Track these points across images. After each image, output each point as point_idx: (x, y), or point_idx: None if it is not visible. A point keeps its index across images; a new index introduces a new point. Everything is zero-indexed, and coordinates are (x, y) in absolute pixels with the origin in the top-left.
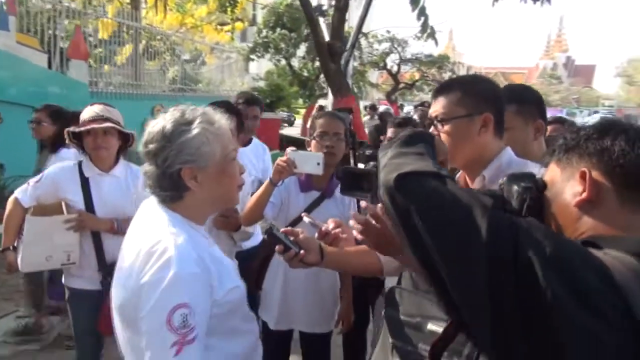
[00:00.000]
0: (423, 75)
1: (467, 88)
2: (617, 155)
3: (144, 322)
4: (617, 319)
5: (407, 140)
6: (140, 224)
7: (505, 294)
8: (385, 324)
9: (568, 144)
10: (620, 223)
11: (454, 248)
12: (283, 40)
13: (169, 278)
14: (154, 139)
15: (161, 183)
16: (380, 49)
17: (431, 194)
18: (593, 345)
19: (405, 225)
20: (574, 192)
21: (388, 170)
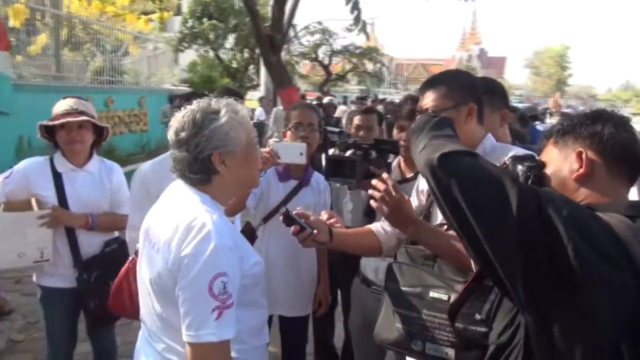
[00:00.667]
0: (354, 66)
1: (452, 82)
2: (607, 138)
3: (185, 290)
4: (622, 263)
5: (437, 125)
6: (171, 204)
7: (534, 246)
8: (387, 296)
9: (565, 129)
10: (610, 192)
11: (491, 213)
12: (213, 30)
13: (210, 250)
14: (184, 127)
15: (192, 167)
16: (312, 40)
17: (469, 169)
18: (607, 283)
19: (446, 198)
20: (571, 168)
21: (430, 150)
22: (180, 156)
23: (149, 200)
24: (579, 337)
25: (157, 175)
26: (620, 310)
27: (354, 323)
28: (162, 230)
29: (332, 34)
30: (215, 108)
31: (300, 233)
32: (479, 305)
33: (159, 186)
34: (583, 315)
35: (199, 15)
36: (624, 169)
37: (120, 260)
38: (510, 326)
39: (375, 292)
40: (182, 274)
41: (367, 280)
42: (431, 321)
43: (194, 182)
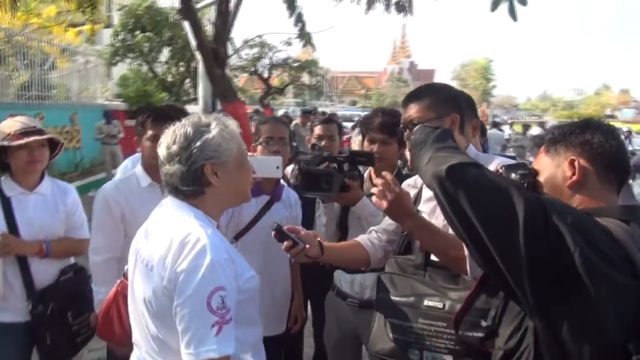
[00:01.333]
0: (293, 79)
1: (435, 94)
2: (597, 146)
3: (183, 306)
4: (623, 266)
5: (440, 137)
6: (162, 221)
7: (541, 253)
8: (379, 307)
9: (556, 138)
10: (602, 198)
11: (499, 222)
12: (149, 42)
13: (206, 264)
14: (175, 140)
15: (185, 180)
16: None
17: (476, 181)
18: (612, 286)
19: (455, 209)
20: (564, 176)
21: (437, 163)
22: (172, 169)
23: (113, 222)
24: (587, 340)
25: (122, 194)
26: (625, 312)
27: (329, 336)
28: (155, 248)
29: (272, 47)
30: (205, 122)
31: (293, 248)
32: (478, 312)
33: (124, 206)
34: (591, 318)
35: (131, 27)
36: (613, 176)
37: (79, 288)
38: (517, 331)
39: (352, 305)
40: (179, 290)
41: (343, 292)
42: (427, 330)
43: (187, 196)
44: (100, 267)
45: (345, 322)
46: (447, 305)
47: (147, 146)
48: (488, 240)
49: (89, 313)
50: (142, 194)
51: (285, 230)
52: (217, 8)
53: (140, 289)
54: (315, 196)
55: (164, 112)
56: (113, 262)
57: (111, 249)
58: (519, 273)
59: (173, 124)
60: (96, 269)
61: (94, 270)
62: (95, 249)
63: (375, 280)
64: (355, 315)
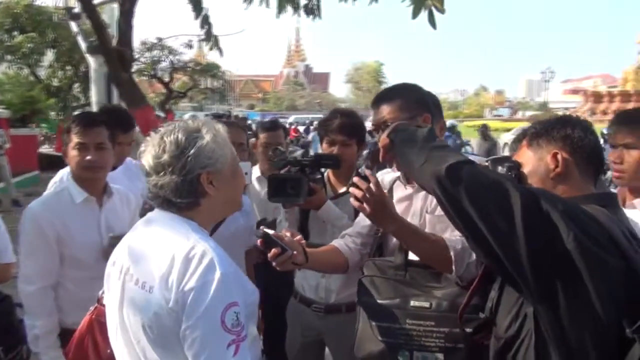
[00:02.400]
0: (195, 83)
1: (406, 94)
2: (577, 140)
3: (195, 328)
4: (611, 248)
5: (429, 136)
6: (154, 236)
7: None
8: (363, 311)
9: (538, 132)
10: (582, 188)
11: (499, 215)
12: (32, 43)
13: (217, 279)
14: (166, 149)
15: (181, 191)
16: (150, 56)
17: (473, 177)
18: (603, 266)
19: (455, 206)
20: (548, 168)
21: (434, 163)
22: (163, 181)
23: (47, 245)
24: (586, 320)
25: (54, 213)
26: (616, 291)
27: (292, 344)
28: (153, 266)
29: (172, 50)
30: (195, 127)
31: (280, 256)
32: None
33: (58, 226)
34: (587, 300)
35: (8, 27)
36: (591, 168)
37: (6, 320)
38: (516, 318)
39: (317, 310)
40: (189, 310)
41: (306, 299)
42: (416, 330)
43: (181, 209)
44: (34, 298)
45: (310, 328)
46: (434, 304)
47: (74, 155)
48: (489, 233)
49: (21, 346)
50: (77, 211)
51: (273, 237)
52: (119, 8)
53: (134, 314)
54: (282, 202)
55: (92, 118)
56: (48, 291)
57: (45, 276)
58: (520, 262)
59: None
60: (29, 300)
61: (27, 302)
62: (26, 277)
63: (341, 285)
64: (321, 320)
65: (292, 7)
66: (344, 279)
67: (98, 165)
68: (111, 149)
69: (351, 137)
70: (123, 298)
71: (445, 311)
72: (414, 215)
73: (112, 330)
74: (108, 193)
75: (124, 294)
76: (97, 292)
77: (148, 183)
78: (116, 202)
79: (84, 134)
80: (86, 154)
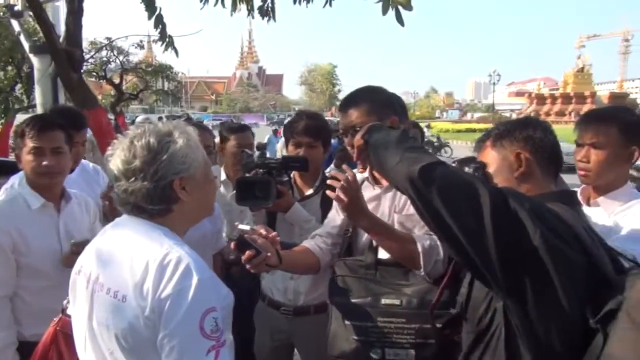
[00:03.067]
0: (147, 85)
1: (372, 98)
2: (538, 140)
3: (172, 337)
4: (574, 244)
5: (402, 138)
6: (124, 243)
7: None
8: (335, 310)
9: (501, 134)
10: (544, 186)
11: (469, 214)
12: None
13: (194, 285)
14: (137, 154)
15: (152, 198)
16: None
17: (445, 178)
18: (567, 262)
19: (427, 206)
20: (511, 167)
21: (407, 164)
22: (134, 187)
23: (2, 255)
24: (553, 315)
25: (9, 220)
26: (580, 285)
27: (261, 348)
28: (126, 274)
29: (122, 50)
30: (167, 130)
31: (255, 258)
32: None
33: (14, 234)
34: (554, 295)
35: None
36: (552, 167)
37: None
38: (486, 313)
39: (286, 313)
40: (166, 318)
41: (275, 302)
42: (387, 327)
43: (152, 215)
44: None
45: (279, 331)
46: (404, 301)
47: (29, 160)
48: (459, 231)
49: None
50: (34, 217)
51: (248, 239)
52: (67, 6)
53: (105, 324)
54: (250, 205)
55: (47, 121)
56: (6, 302)
57: (1, 286)
58: (489, 259)
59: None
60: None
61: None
62: None
63: (309, 286)
64: (290, 323)
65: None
66: (312, 280)
67: (55, 171)
68: (68, 152)
69: (317, 139)
70: (92, 308)
71: (415, 308)
72: (382, 215)
73: (79, 342)
74: (66, 198)
75: (93, 304)
76: (57, 302)
77: (117, 188)
78: (74, 207)
79: (39, 138)
80: (42, 159)
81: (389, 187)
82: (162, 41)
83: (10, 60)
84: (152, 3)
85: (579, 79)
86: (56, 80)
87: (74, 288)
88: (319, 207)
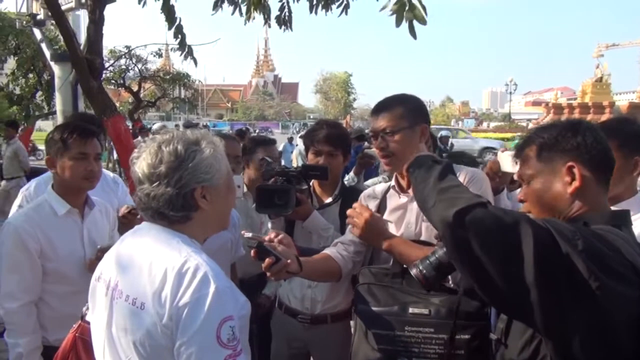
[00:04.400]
0: (164, 93)
1: (406, 104)
2: (590, 149)
3: (189, 345)
4: (632, 278)
5: (442, 174)
6: (144, 250)
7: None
8: (360, 319)
9: (547, 143)
10: (598, 201)
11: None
12: None
13: (212, 293)
14: (164, 160)
15: (175, 204)
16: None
17: (483, 223)
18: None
19: (464, 252)
20: (564, 182)
21: (443, 207)
22: (157, 191)
23: (30, 260)
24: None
25: (35, 226)
26: (634, 320)
27: (278, 356)
28: (144, 282)
29: (141, 58)
30: (194, 139)
31: (275, 265)
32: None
33: (41, 240)
34: (605, 335)
35: None
36: (605, 177)
37: None
38: (531, 341)
39: (303, 321)
40: (184, 326)
41: (292, 309)
42: (415, 337)
43: (172, 222)
44: (18, 315)
45: (296, 339)
46: (433, 310)
47: (70, 166)
48: (499, 277)
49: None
50: (59, 223)
51: (267, 247)
52: (89, 16)
53: (124, 331)
54: (270, 213)
55: (89, 128)
56: (32, 308)
57: (29, 292)
58: (530, 305)
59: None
60: (13, 318)
61: (10, 320)
62: (9, 295)
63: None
64: (307, 331)
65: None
66: (329, 289)
67: (96, 176)
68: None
69: (337, 148)
70: (111, 315)
71: (444, 317)
72: (410, 224)
73: (98, 348)
74: (89, 205)
75: (112, 311)
76: (80, 307)
77: (140, 191)
78: (97, 214)
79: (85, 144)
80: (87, 164)
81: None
82: (181, 50)
83: (32, 68)
84: (172, 14)
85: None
86: (76, 88)
87: (93, 294)
88: (338, 215)
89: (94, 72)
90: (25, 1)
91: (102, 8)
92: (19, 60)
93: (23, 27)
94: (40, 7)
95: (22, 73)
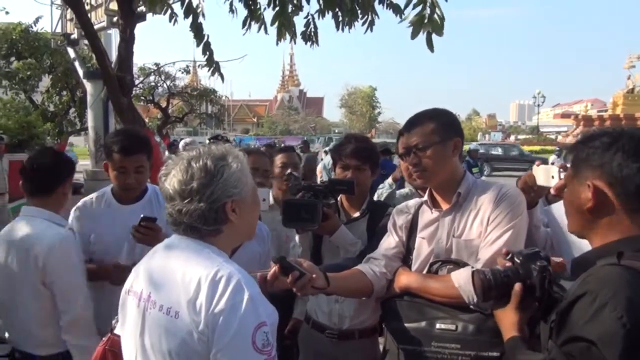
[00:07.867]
0: (192, 108)
1: (438, 119)
2: (615, 169)
3: (226, 351)
4: None
5: None
6: (175, 260)
7: None
8: (390, 335)
9: (579, 155)
10: (623, 226)
11: None
12: (30, 69)
13: (246, 300)
14: (195, 176)
15: (207, 218)
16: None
17: None
18: None
19: None
20: (585, 196)
21: None
22: (189, 207)
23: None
24: None
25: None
26: None
27: None
28: (177, 292)
29: (169, 75)
30: (220, 153)
31: (299, 280)
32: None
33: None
34: None
35: (5, 53)
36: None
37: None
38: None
39: (331, 336)
40: (220, 333)
41: (320, 324)
42: (441, 352)
43: (204, 235)
44: (90, 317)
45: (323, 355)
46: (460, 326)
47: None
48: None
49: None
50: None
51: (291, 262)
52: (120, 34)
53: (158, 341)
54: (297, 227)
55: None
56: None
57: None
58: None
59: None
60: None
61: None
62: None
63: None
64: (335, 346)
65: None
66: (357, 304)
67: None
68: (148, 169)
69: (365, 162)
70: (144, 326)
71: (471, 334)
72: (441, 239)
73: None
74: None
75: (144, 322)
76: None
77: (171, 208)
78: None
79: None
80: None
81: (447, 211)
82: (209, 67)
83: (65, 86)
84: (200, 31)
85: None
86: (107, 105)
87: (123, 307)
88: (365, 230)
89: (125, 89)
90: (60, 21)
91: (133, 27)
92: (53, 79)
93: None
94: (74, 27)
95: (56, 91)
